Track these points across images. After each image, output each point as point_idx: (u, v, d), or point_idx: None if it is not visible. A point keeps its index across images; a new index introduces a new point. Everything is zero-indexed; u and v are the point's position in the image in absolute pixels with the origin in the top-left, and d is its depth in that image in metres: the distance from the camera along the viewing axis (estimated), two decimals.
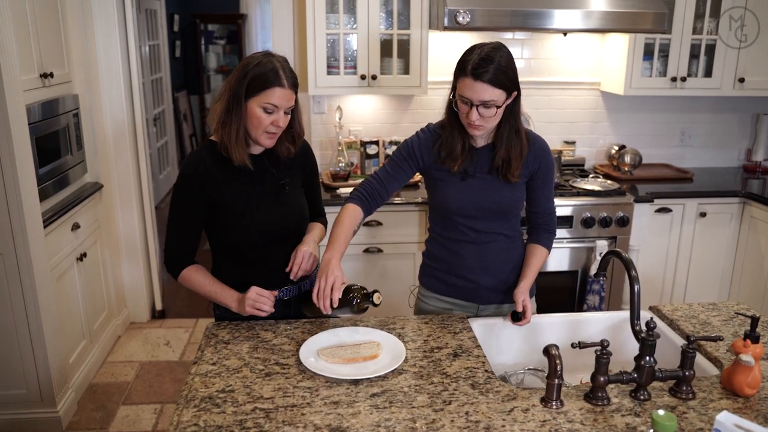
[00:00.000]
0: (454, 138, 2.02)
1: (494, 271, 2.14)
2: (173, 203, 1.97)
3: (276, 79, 1.84)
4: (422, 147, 2.08)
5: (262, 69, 1.84)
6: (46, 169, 3.15)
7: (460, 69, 1.91)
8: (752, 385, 1.59)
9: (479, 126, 1.93)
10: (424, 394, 1.60)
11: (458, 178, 2.06)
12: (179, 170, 1.97)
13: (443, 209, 2.11)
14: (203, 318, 4.35)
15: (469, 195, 2.06)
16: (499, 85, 1.87)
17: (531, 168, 2.08)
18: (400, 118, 3.97)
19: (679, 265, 3.83)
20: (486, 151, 2.05)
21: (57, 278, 3.16)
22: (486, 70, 1.84)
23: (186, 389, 1.62)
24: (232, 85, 1.87)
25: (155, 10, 6.82)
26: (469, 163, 2.05)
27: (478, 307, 2.19)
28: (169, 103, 7.42)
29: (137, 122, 4.01)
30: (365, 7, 3.44)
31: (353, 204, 2.03)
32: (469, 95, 1.88)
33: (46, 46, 3.19)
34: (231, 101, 1.87)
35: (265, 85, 1.83)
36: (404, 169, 2.09)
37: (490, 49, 1.89)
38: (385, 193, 2.09)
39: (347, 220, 1.98)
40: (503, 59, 1.88)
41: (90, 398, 3.40)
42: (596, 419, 1.50)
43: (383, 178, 2.09)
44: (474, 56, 1.87)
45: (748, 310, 2.11)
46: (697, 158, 4.34)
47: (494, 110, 1.90)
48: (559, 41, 3.95)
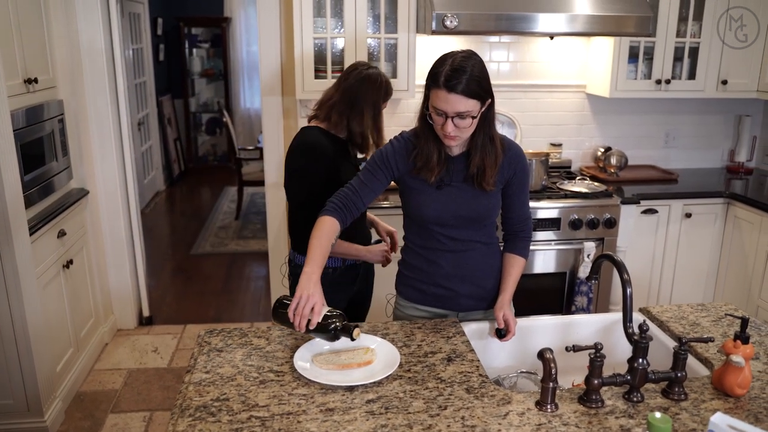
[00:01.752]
0: (429, 148, 1.97)
1: (472, 278, 2.13)
2: (303, 182, 2.35)
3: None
4: (397, 155, 2.03)
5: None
6: (31, 175, 3.12)
7: (433, 80, 1.86)
8: (743, 385, 1.60)
9: (455, 137, 1.90)
10: (419, 400, 1.60)
11: (434, 187, 2.02)
12: (303, 148, 2.37)
13: (419, 218, 2.08)
14: (191, 324, 4.33)
15: (446, 204, 2.03)
16: (474, 96, 1.83)
17: (506, 175, 2.06)
18: (388, 121, 3.93)
19: (665, 265, 3.86)
20: (461, 159, 2.02)
21: (43, 286, 3.13)
22: (459, 81, 1.80)
23: (180, 398, 1.61)
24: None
25: (139, 13, 6.79)
26: (445, 173, 2.02)
27: (458, 315, 2.17)
28: (153, 108, 7.38)
29: (123, 127, 3.98)
30: (352, 11, 3.44)
31: (329, 216, 1.97)
32: (443, 107, 1.84)
33: (30, 51, 3.16)
34: None
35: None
36: (379, 178, 2.04)
37: (462, 58, 1.85)
38: (360, 204, 2.03)
39: (324, 233, 1.93)
40: (476, 68, 1.84)
41: (77, 407, 3.37)
42: (591, 422, 1.52)
43: (358, 189, 2.03)
44: (446, 67, 1.83)
45: (736, 311, 2.14)
46: (682, 159, 4.39)
47: (469, 120, 1.87)
48: (545, 44, 3.97)
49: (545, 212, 3.48)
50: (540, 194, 3.53)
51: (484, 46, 3.93)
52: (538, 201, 3.47)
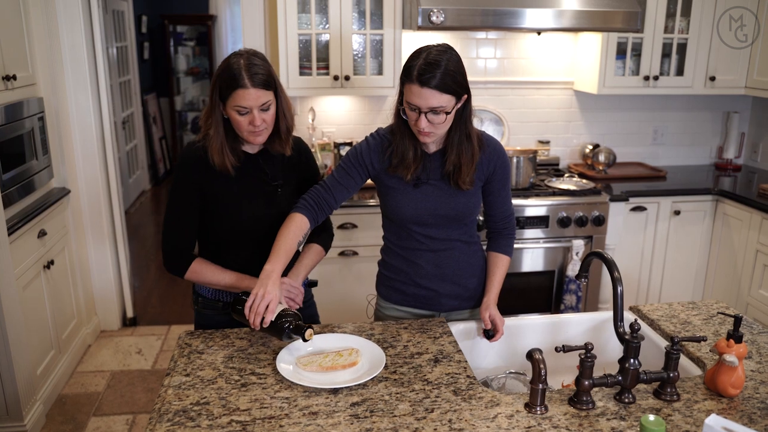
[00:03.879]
0: (405, 145, 1.93)
1: (453, 278, 2.08)
2: (172, 198, 1.96)
3: (239, 80, 1.80)
4: (372, 153, 1.99)
5: (227, 73, 1.82)
6: (10, 174, 3.05)
7: (406, 74, 1.82)
8: (736, 385, 1.57)
9: (429, 133, 1.85)
10: (405, 402, 1.55)
11: (411, 185, 1.98)
12: (177, 161, 1.97)
13: (397, 218, 2.03)
14: (176, 325, 4.27)
15: (424, 202, 1.98)
16: (448, 91, 1.79)
17: (485, 171, 2.01)
18: (374, 119, 3.93)
19: (654, 263, 3.84)
20: (438, 157, 1.98)
21: (23, 287, 3.05)
22: (433, 75, 1.76)
23: (159, 402, 1.56)
24: (210, 89, 1.88)
25: (122, 11, 6.70)
26: (422, 170, 1.97)
27: (439, 315, 2.13)
28: (138, 106, 7.29)
29: (105, 126, 3.90)
30: (337, 7, 3.39)
31: (299, 213, 1.93)
32: (416, 102, 1.80)
33: (9, 47, 3.09)
34: (212, 106, 1.88)
35: (230, 87, 1.81)
36: (353, 176, 1.99)
37: (437, 52, 1.80)
38: (333, 202, 1.99)
39: (292, 231, 1.88)
40: (451, 63, 1.79)
41: (59, 410, 3.30)
42: (581, 424, 1.48)
43: (331, 187, 1.99)
44: (420, 60, 1.78)
45: (728, 309, 2.11)
46: (670, 156, 4.37)
47: (443, 116, 1.82)
48: (532, 41, 3.94)
49: (533, 210, 3.45)
50: (528, 192, 3.49)
51: (471, 43, 3.89)
52: (526, 199, 3.44)
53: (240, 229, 1.98)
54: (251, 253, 2.01)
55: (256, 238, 2.00)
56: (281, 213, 1.99)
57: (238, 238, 2.00)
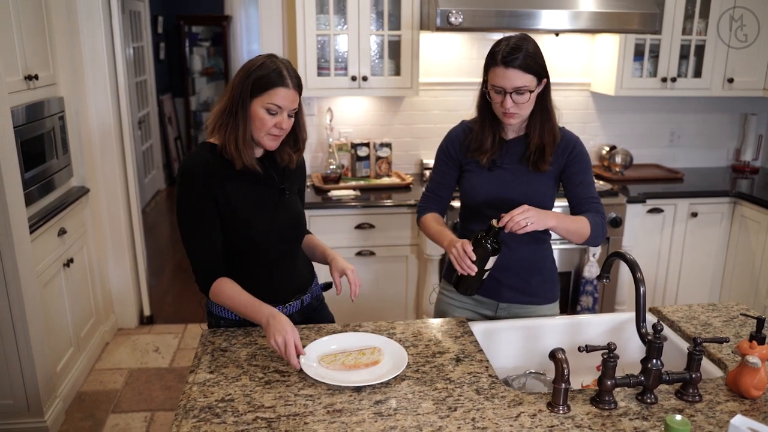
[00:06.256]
0: (484, 132, 2.05)
1: (518, 270, 2.12)
2: (183, 212, 1.85)
3: (280, 79, 1.78)
4: (454, 143, 2.14)
5: (265, 70, 1.79)
6: (31, 173, 3.08)
7: (491, 59, 1.95)
8: (759, 387, 1.57)
9: (514, 114, 1.95)
10: (428, 401, 1.56)
11: (486, 168, 2.08)
12: (179, 175, 1.86)
13: (471, 200, 2.13)
14: (192, 323, 4.29)
15: (497, 185, 2.07)
16: (530, 71, 1.91)
17: (561, 161, 2.06)
18: (391, 119, 3.94)
19: (671, 265, 3.83)
20: (516, 143, 2.07)
21: (43, 285, 3.09)
22: (516, 57, 1.89)
23: (184, 399, 1.57)
24: (234, 85, 1.81)
25: (139, 11, 6.75)
26: (498, 155, 2.07)
27: (498, 305, 2.16)
28: (153, 106, 7.34)
29: (123, 125, 3.94)
30: (355, 8, 3.40)
31: (428, 213, 2.19)
32: (501, 83, 1.92)
33: (31, 48, 3.12)
34: (235, 103, 1.80)
35: (269, 85, 1.78)
36: (447, 171, 2.17)
37: (518, 39, 1.94)
38: (445, 201, 2.22)
39: (435, 220, 2.15)
40: (531, 47, 1.93)
41: (78, 407, 3.33)
42: (604, 423, 1.48)
43: (435, 189, 2.21)
44: (503, 46, 1.93)
45: (749, 311, 2.10)
46: (687, 158, 4.35)
47: (527, 96, 1.93)
48: (549, 42, 3.94)
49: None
50: None
51: (489, 44, 3.85)
52: None
53: (255, 233, 1.91)
54: (263, 256, 1.96)
55: (270, 239, 1.95)
56: (291, 216, 1.98)
57: (253, 242, 1.92)
